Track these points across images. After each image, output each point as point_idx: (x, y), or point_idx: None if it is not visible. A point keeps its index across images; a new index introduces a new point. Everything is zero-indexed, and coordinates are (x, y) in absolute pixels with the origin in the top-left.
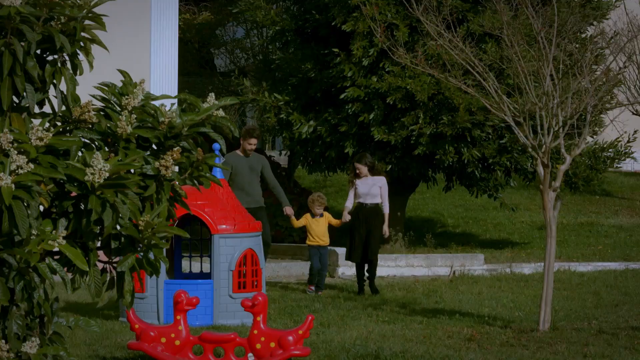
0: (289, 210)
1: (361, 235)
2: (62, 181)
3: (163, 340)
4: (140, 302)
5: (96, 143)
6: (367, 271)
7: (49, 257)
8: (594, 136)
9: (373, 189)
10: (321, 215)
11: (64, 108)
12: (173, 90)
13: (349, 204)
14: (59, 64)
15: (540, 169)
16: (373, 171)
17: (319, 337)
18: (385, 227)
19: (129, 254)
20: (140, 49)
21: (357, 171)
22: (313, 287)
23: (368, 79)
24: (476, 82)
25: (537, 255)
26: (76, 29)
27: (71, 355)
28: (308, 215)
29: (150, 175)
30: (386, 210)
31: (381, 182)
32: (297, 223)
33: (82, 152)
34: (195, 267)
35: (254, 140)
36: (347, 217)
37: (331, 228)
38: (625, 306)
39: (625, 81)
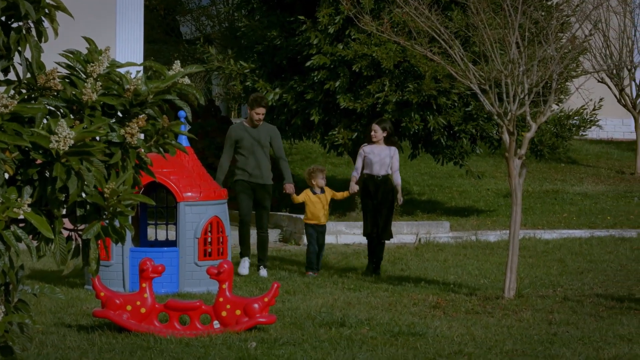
0: (289, 187)
1: (371, 209)
2: (27, 149)
3: (129, 308)
4: (106, 270)
5: (61, 110)
6: (374, 250)
7: (14, 225)
8: (560, 104)
9: (385, 158)
10: (322, 190)
11: (28, 75)
12: (138, 57)
13: (357, 173)
14: (24, 31)
15: (506, 137)
16: (388, 141)
17: (284, 304)
18: (400, 196)
19: (95, 222)
20: (105, 16)
21: (372, 133)
22: (311, 273)
23: (334, 46)
24: (442, 50)
25: (502, 223)
26: None
27: (36, 323)
28: (308, 190)
29: (116, 142)
30: (398, 180)
31: (394, 152)
32: (297, 199)
33: (47, 120)
34: (161, 235)
35: (261, 110)
36: (355, 188)
37: (334, 202)
38: (590, 274)
39: (591, 49)
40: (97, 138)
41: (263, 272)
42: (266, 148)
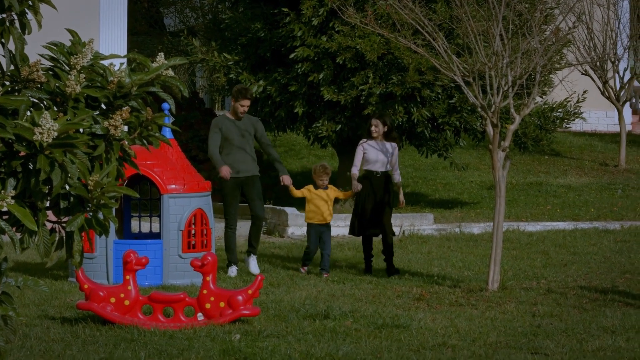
0: (287, 179)
1: (368, 208)
2: (10, 141)
3: (112, 300)
4: (90, 262)
5: (45, 103)
6: (383, 252)
7: None
8: (543, 96)
9: (386, 155)
10: (326, 187)
11: (12, 67)
12: (122, 49)
13: (357, 170)
14: (7, 23)
15: (490, 129)
16: (388, 136)
17: (268, 297)
18: (401, 197)
19: (78, 214)
20: (89, 8)
21: (373, 128)
22: (306, 268)
23: (318, 38)
24: (426, 42)
25: (486, 215)
26: None
27: (20, 316)
28: (311, 186)
29: (99, 134)
30: (398, 178)
31: (394, 148)
32: (297, 193)
33: (30, 112)
34: (145, 227)
35: (246, 102)
36: (358, 187)
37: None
38: (573, 266)
39: (575, 41)
40: (81, 130)
41: (254, 267)
42: (251, 140)
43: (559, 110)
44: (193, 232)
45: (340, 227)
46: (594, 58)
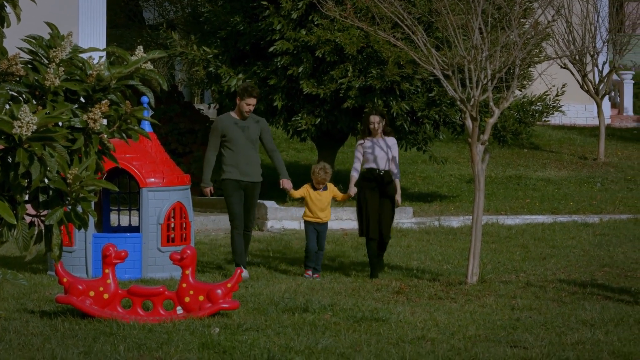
0: (287, 184)
1: (372, 208)
2: None
3: (91, 293)
4: (69, 256)
5: (24, 96)
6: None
7: None
8: (523, 90)
9: (387, 152)
10: (325, 187)
11: None
12: (101, 43)
13: (357, 174)
14: None
15: (469, 122)
16: (385, 130)
17: (247, 290)
18: (398, 197)
19: (57, 207)
20: (68, 1)
21: (372, 126)
22: (311, 272)
23: (297, 32)
24: (405, 35)
25: (465, 209)
26: None
27: None
28: (309, 185)
29: (79, 128)
30: (398, 176)
31: (394, 144)
32: (296, 194)
33: (9, 105)
34: (124, 221)
35: (252, 100)
36: (353, 190)
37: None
38: (552, 259)
39: (554, 35)
40: (60, 124)
41: (244, 272)
42: (256, 142)
43: (538, 103)
44: (172, 225)
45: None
46: (573, 51)
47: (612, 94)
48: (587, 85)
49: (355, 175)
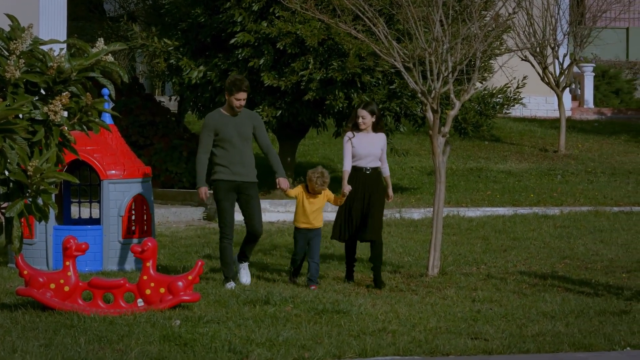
0: (283, 183)
1: (356, 209)
2: None
3: (52, 286)
4: (29, 248)
5: None
6: (371, 259)
7: None
8: (483, 82)
9: (375, 149)
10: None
11: None
12: (62, 35)
13: (349, 166)
14: None
15: (430, 115)
16: (377, 126)
17: (208, 282)
18: (390, 191)
19: (18, 200)
20: None
21: (360, 120)
22: (296, 279)
23: (258, 24)
24: (366, 28)
25: (426, 201)
26: None
27: None
28: (303, 186)
29: (39, 120)
30: (387, 172)
31: (383, 140)
32: (292, 193)
33: None
34: (85, 213)
35: (242, 94)
36: (348, 189)
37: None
38: (513, 251)
39: (514, 27)
40: (20, 116)
41: (245, 276)
42: (249, 139)
43: (499, 96)
44: (133, 217)
45: (280, 212)
46: (533, 44)
47: (573, 86)
48: (548, 78)
49: (348, 170)
